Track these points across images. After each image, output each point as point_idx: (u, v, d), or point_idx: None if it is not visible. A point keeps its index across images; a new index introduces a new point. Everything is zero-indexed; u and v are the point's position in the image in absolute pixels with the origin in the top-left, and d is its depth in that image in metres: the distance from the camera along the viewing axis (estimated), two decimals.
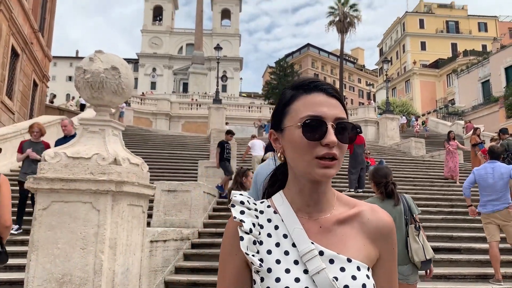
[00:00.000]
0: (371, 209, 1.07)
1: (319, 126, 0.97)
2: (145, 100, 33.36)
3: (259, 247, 1.00)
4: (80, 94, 4.40)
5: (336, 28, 47.17)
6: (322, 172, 0.97)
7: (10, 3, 16.06)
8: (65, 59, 79.11)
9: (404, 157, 18.71)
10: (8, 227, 3.08)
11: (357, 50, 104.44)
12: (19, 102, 18.44)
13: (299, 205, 1.04)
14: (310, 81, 1.05)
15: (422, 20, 63.07)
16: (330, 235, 1.02)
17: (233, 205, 1.04)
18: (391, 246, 1.06)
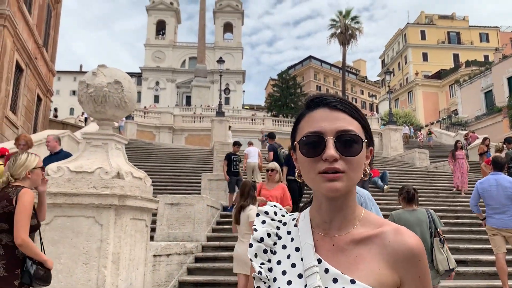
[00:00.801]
0: (396, 230, 0.99)
1: (316, 141, 0.96)
2: (148, 113, 33.49)
3: (272, 256, 1.03)
4: (83, 108, 4.41)
5: (338, 40, 47.39)
6: (327, 186, 0.95)
7: (15, 19, 16.24)
8: (69, 74, 79.64)
9: (408, 168, 18.62)
10: (20, 245, 2.95)
11: (359, 61, 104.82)
12: (23, 117, 18.53)
13: (318, 221, 1.04)
14: (314, 97, 1.04)
15: (423, 31, 63.36)
16: (341, 254, 0.99)
17: (258, 214, 1.09)
18: (416, 274, 0.97)
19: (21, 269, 2.99)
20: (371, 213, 1.07)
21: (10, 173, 3.16)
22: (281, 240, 1.05)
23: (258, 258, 1.02)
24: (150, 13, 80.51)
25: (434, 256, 4.61)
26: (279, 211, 1.11)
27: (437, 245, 4.67)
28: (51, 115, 28.90)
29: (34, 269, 2.99)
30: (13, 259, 2.99)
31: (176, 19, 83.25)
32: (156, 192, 6.69)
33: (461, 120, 40.65)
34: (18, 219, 2.96)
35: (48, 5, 22.61)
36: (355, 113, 1.02)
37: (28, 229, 3.00)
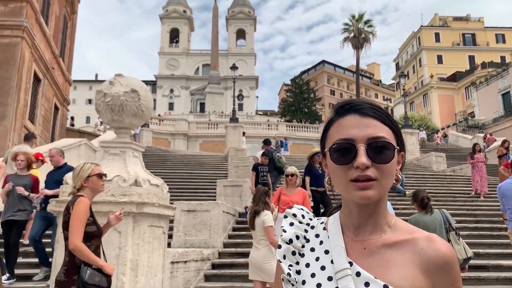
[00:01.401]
0: (428, 238, 0.99)
1: (348, 149, 0.95)
2: (163, 121, 33.77)
3: (300, 259, 1.02)
4: (101, 117, 4.46)
5: (351, 44, 47.26)
6: (359, 194, 0.94)
7: (33, 30, 16.57)
8: (84, 83, 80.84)
9: (425, 172, 18.40)
10: (73, 250, 3.08)
11: (373, 65, 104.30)
12: (41, 126, 18.85)
13: (348, 225, 1.03)
14: (344, 103, 1.03)
15: (437, 33, 62.80)
16: (373, 258, 0.97)
17: (286, 216, 1.09)
18: (449, 282, 0.96)
19: (78, 274, 3.09)
20: (402, 220, 1.06)
21: (73, 184, 3.35)
22: (310, 242, 1.05)
23: (286, 259, 1.02)
24: (164, 21, 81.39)
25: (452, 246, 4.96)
26: (307, 215, 1.10)
27: (453, 238, 5.37)
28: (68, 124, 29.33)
29: (88, 274, 3.06)
30: (72, 265, 3.13)
31: (189, 27, 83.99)
32: (172, 199, 6.72)
33: (478, 122, 40.06)
34: (71, 226, 3.12)
35: (64, 16, 23.03)
36: (386, 119, 1.00)
37: (81, 235, 3.10)
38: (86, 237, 3.15)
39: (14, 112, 15.22)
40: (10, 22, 15.69)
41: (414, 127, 31.28)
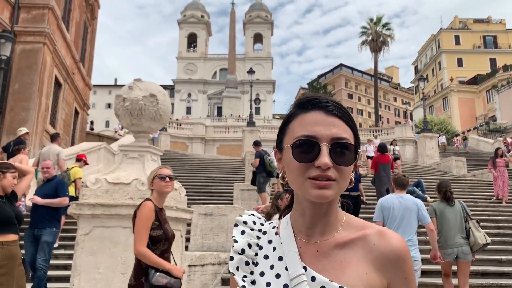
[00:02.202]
0: (379, 232, 0.97)
1: (311, 147, 0.92)
2: (181, 124, 34.02)
3: (254, 268, 0.98)
4: (120, 122, 4.52)
5: (369, 47, 46.96)
6: (316, 193, 0.91)
7: (54, 36, 16.92)
8: (104, 87, 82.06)
9: (445, 177, 18.10)
10: (137, 255, 3.15)
11: (392, 68, 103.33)
12: (61, 130, 19.19)
13: (300, 227, 1.00)
14: (309, 98, 0.99)
15: (457, 36, 61.91)
16: (327, 260, 0.95)
17: (236, 224, 1.05)
18: (402, 275, 0.95)
19: (145, 277, 3.15)
20: (352, 216, 1.04)
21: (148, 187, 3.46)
22: (263, 250, 1.01)
23: (240, 271, 0.98)
24: (182, 26, 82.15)
25: (472, 234, 5.84)
26: (258, 220, 1.06)
27: (473, 225, 5.92)
28: (88, 128, 29.79)
29: (154, 277, 3.11)
30: (140, 268, 3.19)
31: (207, 31, 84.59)
32: (190, 202, 6.76)
33: (500, 126, 39.31)
34: (135, 231, 3.21)
35: (85, 22, 23.44)
36: (349, 120, 0.98)
37: (143, 240, 3.16)
38: (151, 241, 3.19)
39: (36, 116, 15.53)
40: (33, 28, 16.05)
41: (433, 131, 30.86)
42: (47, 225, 5.94)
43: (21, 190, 4.50)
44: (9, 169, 4.23)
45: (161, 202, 3.44)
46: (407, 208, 5.31)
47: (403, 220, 5.31)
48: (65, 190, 6.41)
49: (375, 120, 47.76)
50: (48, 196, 6.04)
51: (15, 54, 15.48)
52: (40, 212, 6.03)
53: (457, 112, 54.11)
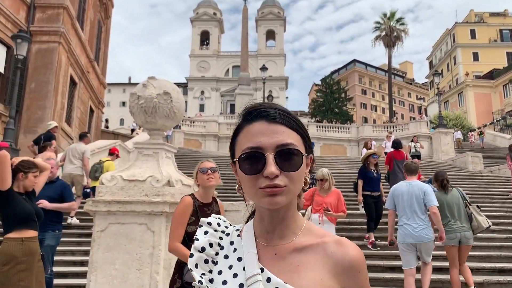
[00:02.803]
0: (337, 241, 0.99)
1: (257, 158, 0.94)
2: (194, 122, 34.19)
3: (213, 267, 1.02)
4: (135, 119, 4.56)
5: (383, 42, 46.56)
6: (267, 200, 0.93)
7: (69, 35, 17.12)
8: (118, 86, 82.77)
9: (460, 173, 17.89)
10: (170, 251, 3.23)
11: (406, 63, 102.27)
12: (77, 128, 19.43)
13: (260, 231, 1.03)
14: (251, 109, 1.01)
15: (473, 30, 60.96)
16: (284, 262, 0.98)
17: (200, 225, 1.09)
18: (357, 285, 0.97)
19: (178, 274, 3.21)
20: (313, 224, 1.07)
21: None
22: (224, 250, 1.04)
23: (199, 268, 1.01)
24: (194, 24, 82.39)
25: (475, 218, 6.13)
26: (223, 223, 1.10)
27: (475, 210, 6.22)
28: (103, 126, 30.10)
29: (187, 273, 3.14)
30: (176, 264, 3.27)
31: (220, 29, 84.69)
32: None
33: None
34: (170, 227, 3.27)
35: (99, 21, 23.66)
36: (294, 123, 0.99)
37: (176, 236, 3.19)
38: (188, 237, 3.18)
39: (52, 115, 15.75)
40: (48, 28, 16.27)
41: (448, 127, 30.49)
42: (50, 228, 5.73)
43: (39, 187, 4.57)
44: (31, 169, 4.32)
45: (207, 197, 3.40)
46: (414, 194, 5.78)
47: (412, 205, 5.76)
48: (72, 195, 6.20)
49: (389, 116, 47.35)
50: (53, 200, 5.80)
51: (31, 53, 15.71)
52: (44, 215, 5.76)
53: (473, 107, 53.36)
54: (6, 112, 14.11)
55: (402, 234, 5.85)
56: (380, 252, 8.19)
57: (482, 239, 8.83)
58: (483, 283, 6.88)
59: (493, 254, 8.11)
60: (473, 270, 7.26)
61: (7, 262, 3.89)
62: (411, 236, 5.74)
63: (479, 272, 7.34)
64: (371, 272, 7.37)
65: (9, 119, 12.40)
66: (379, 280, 7.09)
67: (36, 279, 4.04)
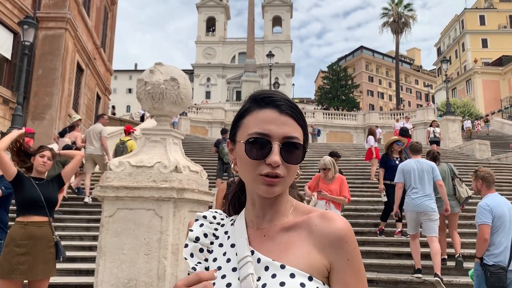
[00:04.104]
0: (322, 215, 1.00)
1: (263, 144, 0.96)
2: (200, 109, 34.18)
3: (208, 255, 1.06)
4: (142, 105, 4.56)
5: (391, 29, 46.07)
6: (265, 189, 0.97)
7: (75, 22, 17.08)
8: (124, 73, 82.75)
9: (468, 160, 17.80)
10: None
11: (413, 50, 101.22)
12: (84, 115, 19.50)
13: (252, 217, 1.06)
14: (264, 95, 1.02)
15: (482, 16, 60.08)
16: (272, 243, 1.01)
17: (197, 219, 1.12)
18: (344, 257, 0.96)
19: None
20: (302, 203, 1.09)
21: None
22: (218, 239, 1.08)
23: (194, 257, 1.05)
24: (200, 10, 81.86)
25: (457, 190, 7.01)
26: (219, 215, 1.14)
27: (458, 182, 7.11)
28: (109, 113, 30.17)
29: None
30: None
31: (226, 15, 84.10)
32: (211, 186, 6.83)
33: None
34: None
35: (105, 7, 23.57)
36: (301, 119, 1.02)
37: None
38: None
39: (59, 101, 15.81)
40: (54, 14, 16.24)
41: (456, 114, 30.26)
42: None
43: (65, 173, 4.56)
44: (38, 151, 4.36)
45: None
46: (423, 170, 6.52)
47: (422, 179, 6.46)
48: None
49: (396, 103, 47.06)
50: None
51: (38, 40, 15.72)
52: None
53: (481, 94, 52.86)
54: (14, 98, 14.18)
55: (411, 204, 6.46)
56: (386, 239, 8.21)
57: None
58: None
59: None
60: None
61: (7, 244, 4.00)
62: (419, 206, 6.35)
63: None
64: (377, 259, 7.41)
65: (17, 106, 12.46)
66: (385, 266, 7.13)
67: (44, 266, 4.08)
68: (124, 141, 10.86)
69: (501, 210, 4.47)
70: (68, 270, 6.68)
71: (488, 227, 4.37)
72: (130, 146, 10.56)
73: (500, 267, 4.26)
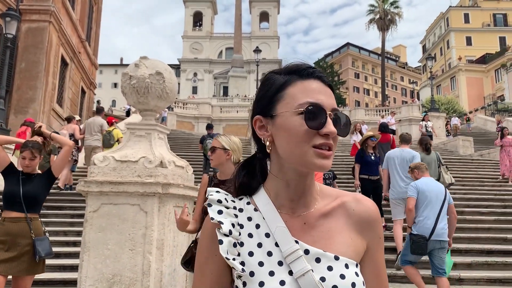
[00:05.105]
0: (355, 199, 1.01)
1: (319, 114, 0.90)
2: (187, 104, 34.00)
3: (240, 249, 0.93)
4: (127, 100, 4.52)
5: (377, 26, 46.35)
6: (320, 162, 0.90)
7: (60, 15, 16.82)
8: (110, 67, 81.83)
9: (451, 156, 18.05)
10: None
11: (399, 47, 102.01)
12: (68, 109, 19.25)
13: (283, 200, 0.97)
14: (306, 66, 0.98)
15: (467, 14, 60.79)
16: (315, 231, 0.95)
17: (210, 204, 0.97)
18: (377, 235, 1.00)
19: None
20: (323, 185, 1.06)
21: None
22: (244, 228, 0.95)
23: (229, 254, 0.91)
24: (187, 5, 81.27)
25: (442, 176, 7.70)
26: (228, 197, 1.00)
27: (444, 170, 7.81)
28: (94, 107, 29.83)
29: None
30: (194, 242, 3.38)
31: (213, 10, 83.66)
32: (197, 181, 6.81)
33: (508, 106, 38.90)
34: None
35: (90, 1, 23.26)
36: (335, 95, 1.01)
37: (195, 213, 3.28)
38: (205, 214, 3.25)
39: (43, 95, 15.58)
40: (38, 6, 15.97)
41: (440, 111, 30.63)
42: None
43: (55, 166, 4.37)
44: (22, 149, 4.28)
45: (223, 175, 3.35)
46: (404, 158, 7.17)
47: (403, 166, 7.11)
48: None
49: (382, 99, 47.44)
50: None
51: (21, 32, 15.44)
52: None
53: (465, 91, 53.56)
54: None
55: (394, 191, 7.25)
56: None
57: (472, 221, 8.97)
58: (471, 263, 7.02)
59: (482, 236, 8.25)
60: (461, 251, 7.41)
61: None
62: (401, 193, 6.93)
63: (468, 253, 7.47)
64: None
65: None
66: None
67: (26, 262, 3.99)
68: (110, 131, 11.19)
69: (426, 188, 5.34)
70: (52, 266, 6.60)
71: (412, 199, 5.32)
72: (116, 135, 10.92)
73: (421, 236, 5.12)
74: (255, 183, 1.02)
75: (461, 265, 6.97)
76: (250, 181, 1.02)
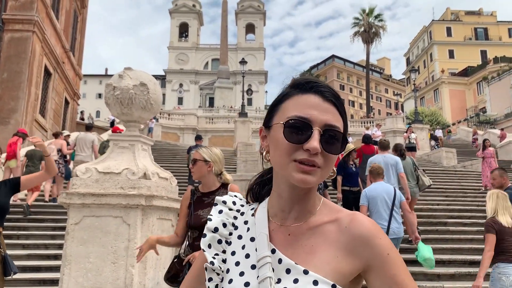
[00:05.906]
0: (351, 215, 0.95)
1: (303, 128, 0.90)
2: (172, 115, 33.87)
3: (227, 247, 1.00)
4: (110, 111, 4.48)
5: (361, 38, 46.96)
6: (299, 177, 0.89)
7: (43, 24, 16.68)
8: (95, 77, 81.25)
9: (435, 168, 18.26)
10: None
11: (384, 60, 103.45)
12: (51, 120, 19.01)
13: (276, 210, 1.00)
14: (308, 81, 0.97)
15: (449, 28, 62.07)
16: (297, 244, 0.95)
17: (216, 203, 1.07)
18: (383, 253, 0.90)
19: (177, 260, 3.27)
20: (329, 201, 1.03)
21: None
22: (238, 230, 1.02)
23: (212, 248, 1.00)
24: (173, 16, 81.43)
25: (420, 179, 8.26)
26: (239, 201, 1.08)
27: (421, 173, 8.39)
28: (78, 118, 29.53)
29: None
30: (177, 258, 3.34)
31: (199, 21, 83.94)
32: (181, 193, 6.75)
33: (490, 118, 39.66)
34: None
35: (75, 11, 23.14)
36: (343, 110, 0.97)
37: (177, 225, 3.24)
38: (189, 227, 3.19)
39: (25, 106, 15.37)
40: (21, 16, 15.82)
41: (424, 123, 31.06)
42: None
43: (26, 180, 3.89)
44: None
45: (205, 187, 3.28)
46: (388, 164, 7.41)
47: (388, 172, 7.22)
48: None
49: (367, 111, 47.91)
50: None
51: (3, 42, 15.27)
52: None
53: (448, 103, 54.41)
54: None
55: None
56: None
57: (455, 232, 9.05)
58: (454, 274, 7.06)
59: (465, 247, 8.33)
60: (445, 262, 7.45)
61: None
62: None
63: (451, 264, 7.52)
64: None
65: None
66: None
67: None
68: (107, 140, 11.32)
69: (375, 193, 5.76)
70: (32, 280, 6.46)
71: (363, 207, 5.75)
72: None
73: None
74: (265, 191, 1.07)
75: (445, 276, 7.01)
76: (261, 189, 1.08)
